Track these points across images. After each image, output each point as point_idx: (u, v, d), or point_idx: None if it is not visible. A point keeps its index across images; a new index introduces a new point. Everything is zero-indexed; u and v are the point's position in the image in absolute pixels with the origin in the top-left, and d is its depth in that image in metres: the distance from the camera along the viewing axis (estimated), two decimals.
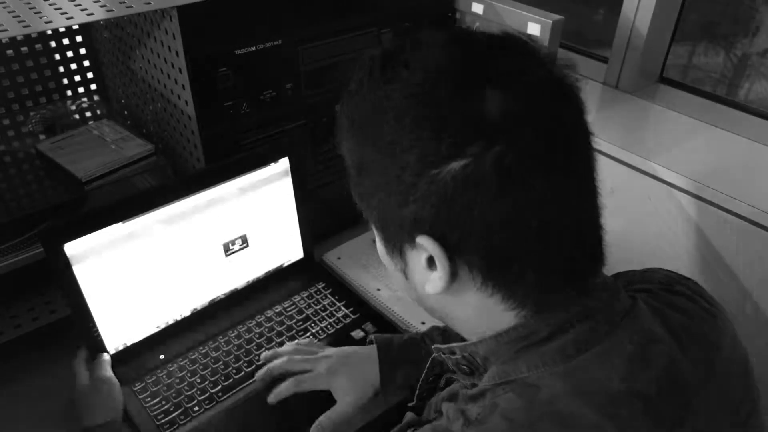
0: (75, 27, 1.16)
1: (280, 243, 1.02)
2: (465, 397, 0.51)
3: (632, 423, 0.46)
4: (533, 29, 1.01)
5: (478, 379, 0.54)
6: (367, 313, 0.98)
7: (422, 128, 0.44)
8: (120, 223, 0.82)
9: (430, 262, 0.49)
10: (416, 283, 0.53)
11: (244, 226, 0.95)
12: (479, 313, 0.51)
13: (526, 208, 0.44)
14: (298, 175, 0.98)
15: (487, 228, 0.45)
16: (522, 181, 0.43)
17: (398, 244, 0.51)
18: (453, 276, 0.48)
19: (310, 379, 0.82)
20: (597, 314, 0.49)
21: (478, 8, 1.09)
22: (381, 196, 0.49)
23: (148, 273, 0.87)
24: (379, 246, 0.55)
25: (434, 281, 0.49)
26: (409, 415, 0.67)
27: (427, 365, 0.68)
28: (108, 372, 0.83)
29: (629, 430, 0.46)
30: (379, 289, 1.03)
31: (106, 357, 0.85)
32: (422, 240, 0.47)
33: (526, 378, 0.48)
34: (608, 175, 1.14)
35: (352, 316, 0.98)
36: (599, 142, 1.12)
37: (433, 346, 0.59)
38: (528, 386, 0.48)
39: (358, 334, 0.95)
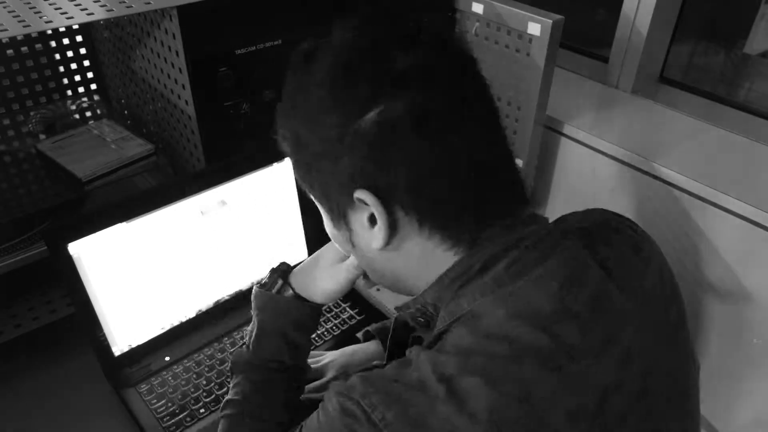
0: (75, 27, 1.16)
1: (285, 244, 1.02)
2: (425, 344, 0.54)
3: (567, 339, 0.49)
4: (533, 29, 1.01)
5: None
6: (373, 314, 0.98)
7: (339, 89, 0.50)
8: (124, 223, 0.82)
9: (372, 219, 0.53)
10: (363, 247, 0.57)
11: (247, 226, 0.95)
12: (425, 261, 0.55)
13: (444, 148, 0.50)
14: None
15: (411, 168, 0.50)
16: (436, 123, 0.49)
17: (341, 209, 0.55)
18: (393, 226, 0.53)
19: (322, 387, 0.82)
20: (527, 243, 0.53)
21: (478, 8, 1.09)
22: (318, 165, 0.54)
23: (153, 274, 0.87)
24: (327, 223, 0.60)
25: (377, 236, 0.53)
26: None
27: (392, 325, 0.70)
28: None
29: (565, 345, 0.49)
30: (378, 289, 1.03)
31: None
32: (360, 194, 0.51)
33: (470, 311, 0.51)
34: (608, 175, 1.14)
35: (358, 318, 0.98)
36: (599, 142, 1.13)
37: (394, 307, 0.62)
38: (471, 317, 0.51)
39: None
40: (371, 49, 0.50)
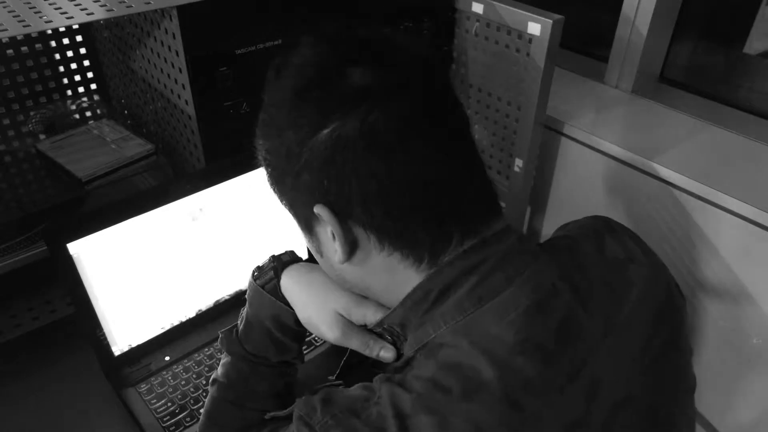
0: (75, 27, 1.16)
1: (285, 243, 1.02)
2: (391, 368, 0.55)
3: (530, 373, 0.48)
4: (533, 29, 1.01)
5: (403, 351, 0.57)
6: None
7: (297, 107, 0.51)
8: (123, 223, 0.82)
9: (333, 234, 0.54)
10: (330, 258, 0.57)
11: (247, 225, 0.95)
12: (390, 277, 0.55)
13: (396, 166, 0.49)
14: None
15: (363, 185, 0.50)
16: (386, 140, 0.49)
17: (307, 221, 0.56)
18: (352, 243, 0.54)
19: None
20: (489, 265, 0.52)
21: (478, 8, 1.09)
22: (283, 178, 0.55)
23: (152, 273, 0.87)
24: (303, 236, 0.60)
25: (338, 250, 0.54)
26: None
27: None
28: None
29: (523, 380, 0.48)
30: None
31: None
32: (318, 209, 0.52)
33: (434, 339, 0.52)
34: (608, 175, 1.14)
35: None
36: (599, 142, 1.13)
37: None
38: (435, 346, 0.51)
39: None
40: (326, 67, 0.51)
